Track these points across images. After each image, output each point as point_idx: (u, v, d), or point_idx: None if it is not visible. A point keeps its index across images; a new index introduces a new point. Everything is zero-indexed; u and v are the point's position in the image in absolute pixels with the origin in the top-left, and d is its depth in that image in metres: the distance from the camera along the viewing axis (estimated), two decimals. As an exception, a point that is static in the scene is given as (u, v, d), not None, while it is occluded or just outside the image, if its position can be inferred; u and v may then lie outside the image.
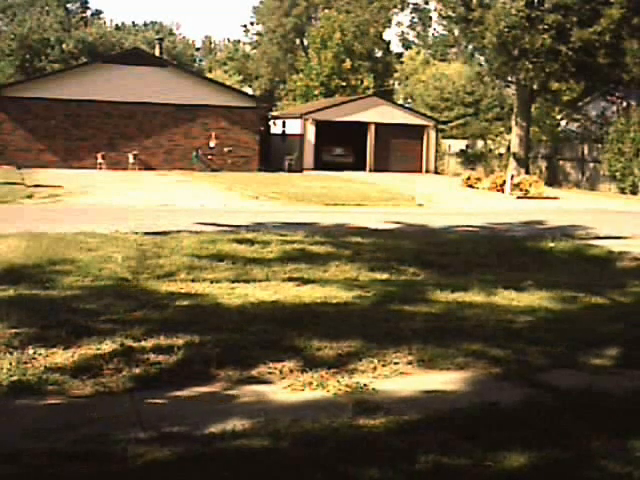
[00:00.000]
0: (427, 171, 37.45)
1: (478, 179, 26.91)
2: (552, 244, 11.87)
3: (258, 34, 71.49)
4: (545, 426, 4.15)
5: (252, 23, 73.03)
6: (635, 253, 11.31)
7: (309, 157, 35.69)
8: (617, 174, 26.96)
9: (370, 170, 36.22)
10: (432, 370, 5.19)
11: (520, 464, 3.68)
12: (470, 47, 42.35)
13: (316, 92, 50.48)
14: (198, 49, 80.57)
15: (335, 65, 51.31)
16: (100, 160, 30.43)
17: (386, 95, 48.61)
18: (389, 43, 62.82)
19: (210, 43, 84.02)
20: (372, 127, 36.77)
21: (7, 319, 5.95)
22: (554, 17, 27.00)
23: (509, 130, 34.70)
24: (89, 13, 70.50)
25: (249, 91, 58.23)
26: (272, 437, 3.89)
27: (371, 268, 9.20)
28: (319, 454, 3.70)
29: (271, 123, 38.84)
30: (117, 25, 73.75)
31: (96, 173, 28.41)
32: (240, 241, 10.82)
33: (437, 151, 38.09)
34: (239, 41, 79.57)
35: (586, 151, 30.28)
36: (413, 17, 72.66)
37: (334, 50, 51.52)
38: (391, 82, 60.85)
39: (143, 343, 5.44)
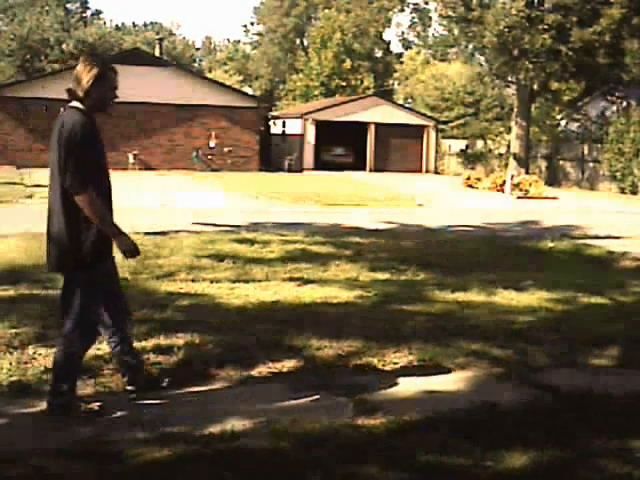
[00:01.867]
0: (427, 171, 37.46)
1: (478, 179, 26.92)
2: (552, 244, 11.88)
3: (258, 34, 71.53)
4: (545, 426, 4.15)
5: (252, 23, 73.19)
6: (635, 253, 11.31)
7: (309, 157, 35.70)
8: (617, 174, 26.97)
9: (370, 170, 36.24)
10: (432, 370, 5.18)
11: (520, 464, 3.68)
12: (470, 47, 42.33)
13: (316, 92, 50.53)
14: (198, 49, 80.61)
15: (335, 65, 51.36)
16: (100, 160, 30.44)
17: (386, 95, 48.65)
18: (389, 43, 62.98)
19: (210, 43, 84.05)
20: (372, 127, 36.78)
21: (7, 319, 5.95)
22: (554, 17, 27.02)
23: (509, 130, 34.73)
24: (89, 13, 70.52)
25: (249, 91, 58.24)
26: (272, 437, 3.89)
27: (371, 268, 9.20)
28: (319, 454, 3.70)
29: (271, 123, 38.85)
30: (117, 25, 73.92)
31: (96, 173, 28.41)
32: (240, 241, 10.83)
33: (437, 151, 38.11)
34: (239, 41, 79.68)
35: (586, 151, 30.30)
36: (413, 17, 72.70)
37: (334, 50, 51.58)
38: (391, 82, 60.88)
39: (143, 343, 5.43)
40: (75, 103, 4.13)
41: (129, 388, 4.49)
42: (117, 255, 4.25)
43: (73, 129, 4.00)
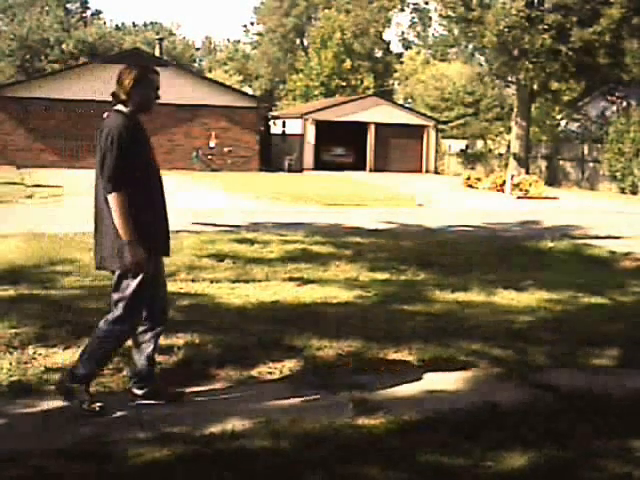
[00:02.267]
0: (427, 171, 37.46)
1: (478, 179, 26.92)
2: (552, 244, 11.88)
3: (258, 34, 71.52)
4: (545, 426, 4.15)
5: (252, 23, 73.21)
6: (635, 253, 11.31)
7: (309, 157, 35.69)
8: (617, 174, 26.96)
9: (370, 170, 36.23)
10: (432, 370, 5.18)
11: (520, 464, 3.68)
12: (470, 47, 42.33)
13: (316, 92, 50.53)
14: (198, 49, 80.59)
15: (335, 65, 51.36)
16: (100, 160, 30.42)
17: (386, 95, 48.65)
18: (389, 43, 62.97)
19: (210, 43, 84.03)
20: (372, 127, 36.77)
21: (7, 319, 5.95)
22: (554, 17, 27.01)
23: (509, 130, 34.72)
24: (89, 13, 70.51)
25: (249, 91, 58.21)
26: (272, 437, 3.89)
27: (371, 268, 9.21)
28: (319, 454, 3.70)
29: (271, 123, 38.83)
30: (117, 25, 73.93)
31: (96, 173, 28.40)
32: (240, 241, 10.83)
33: (437, 151, 38.10)
34: (239, 41, 79.66)
35: (586, 151, 30.29)
36: (413, 17, 72.73)
37: (334, 50, 51.57)
38: (391, 82, 60.88)
39: (143, 343, 5.43)
40: (119, 106, 4.25)
41: (137, 392, 4.46)
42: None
43: (110, 132, 4.11)
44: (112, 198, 4.09)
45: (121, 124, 4.14)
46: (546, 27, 26.97)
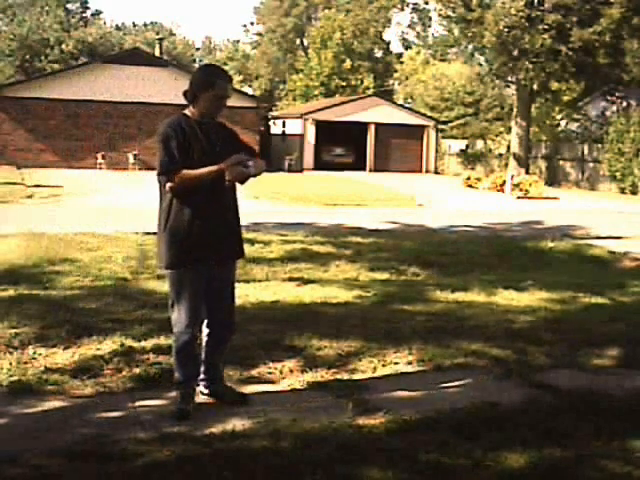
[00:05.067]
0: (427, 171, 37.45)
1: (478, 179, 26.92)
2: (552, 244, 11.89)
3: (258, 34, 71.49)
4: (545, 426, 4.15)
5: (252, 23, 73.12)
6: (635, 253, 11.31)
7: (309, 157, 35.68)
8: (617, 174, 26.96)
9: (370, 170, 36.22)
10: (432, 370, 5.18)
11: (520, 464, 3.67)
12: (470, 47, 42.31)
13: (316, 92, 50.49)
14: (198, 49, 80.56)
15: (335, 65, 51.32)
16: (100, 160, 30.42)
17: (386, 95, 48.62)
18: (389, 43, 62.93)
19: (210, 43, 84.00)
20: (372, 127, 36.76)
21: (7, 319, 5.95)
22: (554, 17, 27.01)
23: (509, 130, 34.70)
24: (89, 13, 70.46)
25: (249, 91, 58.18)
26: (272, 437, 3.89)
27: (371, 268, 9.21)
28: (319, 454, 3.70)
29: (271, 123, 38.81)
30: (117, 25, 73.89)
31: (96, 173, 28.42)
32: (240, 241, 10.81)
33: (437, 151, 38.08)
34: (239, 41, 79.59)
35: (586, 151, 30.28)
36: (413, 17, 72.69)
37: (334, 50, 51.54)
38: (391, 82, 60.86)
39: (143, 343, 5.44)
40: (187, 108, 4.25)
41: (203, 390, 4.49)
42: (117, 255, 4.24)
43: (159, 131, 4.15)
44: (169, 189, 4.09)
45: (169, 122, 4.14)
46: (546, 27, 26.97)
